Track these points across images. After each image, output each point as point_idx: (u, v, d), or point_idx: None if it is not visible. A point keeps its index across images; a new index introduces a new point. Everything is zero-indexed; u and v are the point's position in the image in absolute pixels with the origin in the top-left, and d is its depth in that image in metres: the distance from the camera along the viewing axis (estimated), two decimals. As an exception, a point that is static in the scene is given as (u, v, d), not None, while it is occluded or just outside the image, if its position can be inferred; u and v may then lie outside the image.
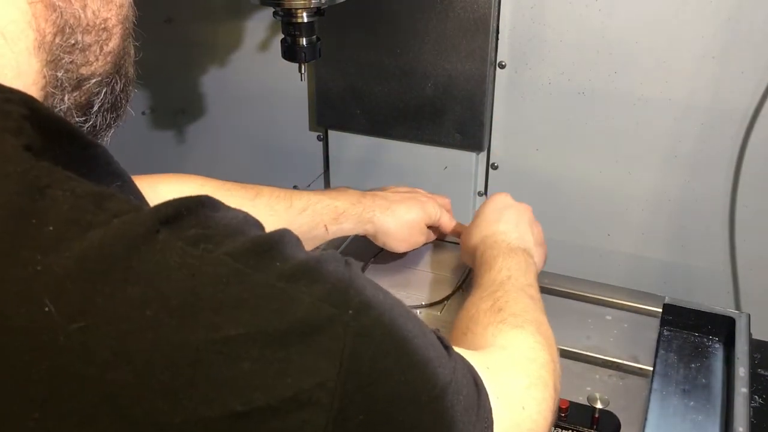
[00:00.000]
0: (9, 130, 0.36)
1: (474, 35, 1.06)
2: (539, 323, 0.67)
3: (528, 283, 0.75)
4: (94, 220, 0.35)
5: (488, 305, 0.68)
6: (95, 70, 0.46)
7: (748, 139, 1.01)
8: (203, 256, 0.36)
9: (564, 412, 0.73)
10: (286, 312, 0.37)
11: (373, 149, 1.22)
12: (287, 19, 0.93)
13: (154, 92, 1.38)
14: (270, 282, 0.37)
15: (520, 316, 0.67)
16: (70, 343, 0.32)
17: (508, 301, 0.69)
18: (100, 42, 0.46)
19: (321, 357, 0.37)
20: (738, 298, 1.11)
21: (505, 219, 0.87)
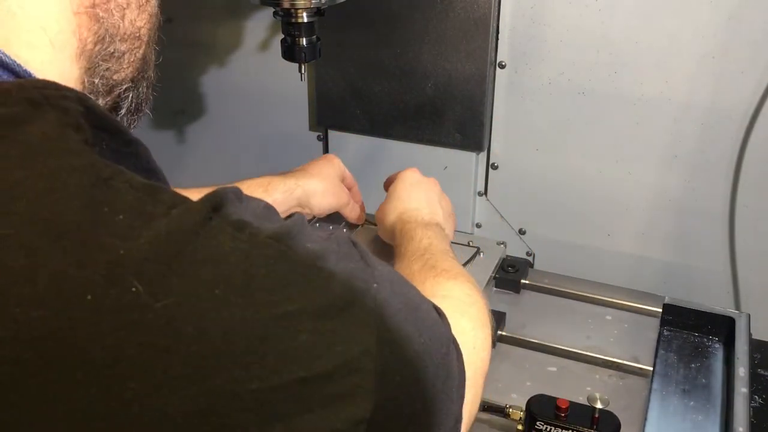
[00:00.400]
0: (70, 125, 0.39)
1: (474, 35, 1.06)
2: (466, 275, 0.74)
3: (447, 248, 0.82)
4: (155, 211, 0.38)
5: (420, 265, 0.75)
6: (126, 76, 0.49)
7: (748, 139, 1.01)
8: (251, 240, 0.39)
9: (564, 412, 0.73)
10: (325, 288, 0.40)
11: (373, 149, 1.22)
12: (287, 19, 0.93)
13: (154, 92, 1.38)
14: (308, 261, 0.41)
15: (450, 270, 0.73)
16: (157, 319, 0.35)
17: (437, 260, 0.76)
18: (133, 50, 0.49)
19: (360, 327, 0.41)
20: (738, 298, 1.11)
21: (415, 196, 0.93)
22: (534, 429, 0.74)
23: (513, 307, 0.97)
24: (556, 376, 0.86)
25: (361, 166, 1.25)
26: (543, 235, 1.19)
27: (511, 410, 0.77)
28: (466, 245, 1.04)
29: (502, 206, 1.20)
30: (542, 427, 0.73)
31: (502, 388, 0.84)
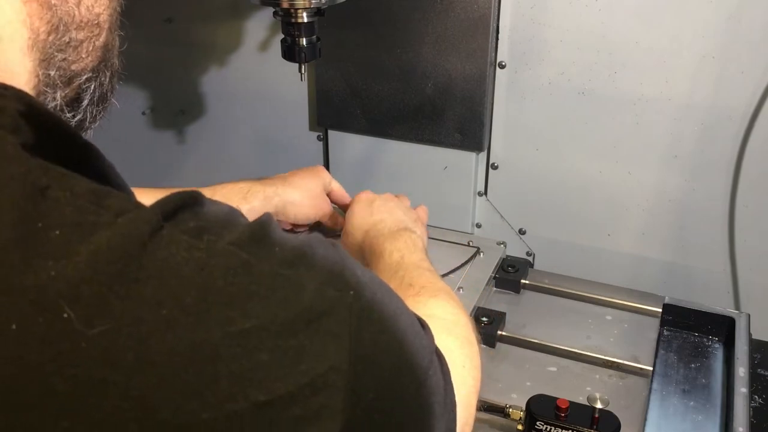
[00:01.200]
0: (6, 127, 0.35)
1: (474, 35, 1.06)
2: (447, 290, 0.71)
3: (420, 257, 0.78)
4: (98, 220, 0.35)
5: (396, 284, 0.71)
6: (86, 66, 0.46)
7: (748, 139, 1.01)
8: (209, 247, 0.36)
9: (564, 412, 0.73)
10: (292, 300, 0.37)
11: (373, 149, 1.22)
12: (287, 19, 0.93)
13: (154, 92, 1.38)
14: (274, 270, 0.38)
15: (430, 287, 0.70)
16: (92, 349, 0.32)
17: (412, 276, 0.72)
18: (92, 38, 0.45)
19: (330, 341, 0.38)
20: (738, 298, 1.11)
21: (376, 210, 0.90)
22: (534, 429, 0.74)
23: (513, 307, 0.97)
24: (556, 376, 0.86)
25: (361, 166, 1.25)
26: (543, 235, 1.19)
27: (511, 410, 0.77)
28: (466, 245, 1.04)
29: (502, 206, 1.20)
30: (542, 427, 0.73)
31: (502, 388, 0.84)
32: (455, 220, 1.19)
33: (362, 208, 0.91)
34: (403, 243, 0.80)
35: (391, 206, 0.91)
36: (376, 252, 0.81)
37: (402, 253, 0.78)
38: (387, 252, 0.79)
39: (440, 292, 0.69)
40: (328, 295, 0.39)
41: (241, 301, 0.36)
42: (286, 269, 0.38)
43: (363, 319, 0.40)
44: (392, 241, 0.81)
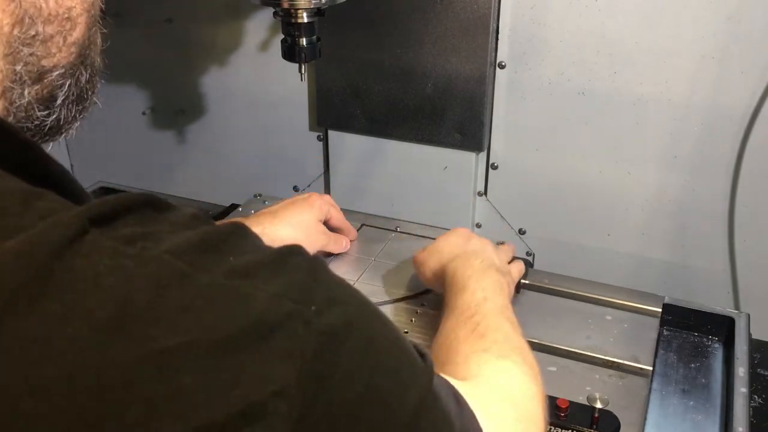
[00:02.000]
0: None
1: (474, 35, 1.06)
2: (524, 351, 0.63)
3: (505, 304, 0.70)
4: (20, 223, 0.31)
5: (467, 331, 0.63)
6: (58, 62, 0.43)
7: (748, 139, 1.01)
8: (140, 255, 0.32)
9: (564, 412, 0.73)
10: (236, 313, 0.33)
11: (373, 149, 1.22)
12: (287, 19, 0.93)
13: (154, 92, 1.38)
14: (217, 281, 0.33)
15: (503, 343, 0.62)
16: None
17: (488, 326, 0.64)
18: (63, 32, 0.42)
19: (277, 360, 0.33)
20: (737, 298, 1.11)
21: (473, 243, 0.84)
22: (534, 429, 0.73)
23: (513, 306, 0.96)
24: (556, 376, 0.86)
25: (361, 166, 1.25)
26: (543, 235, 1.19)
27: (511, 410, 0.77)
28: (466, 245, 1.04)
29: (502, 206, 1.20)
30: (543, 425, 0.73)
31: (502, 388, 0.84)
32: (455, 220, 1.19)
33: (457, 236, 0.86)
34: (490, 283, 0.72)
35: (488, 246, 0.84)
36: (458, 284, 0.73)
37: (486, 294, 0.70)
38: (471, 289, 0.71)
39: (513, 353, 0.61)
40: (283, 307, 0.34)
41: (167, 315, 0.31)
42: (235, 279, 0.34)
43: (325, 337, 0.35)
44: (479, 278, 0.73)
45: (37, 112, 0.43)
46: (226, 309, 0.33)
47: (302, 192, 1.33)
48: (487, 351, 0.61)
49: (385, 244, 1.05)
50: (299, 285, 0.36)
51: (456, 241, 0.84)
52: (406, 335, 0.80)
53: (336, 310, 0.36)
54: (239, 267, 0.35)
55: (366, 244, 1.05)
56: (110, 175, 1.35)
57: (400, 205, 1.23)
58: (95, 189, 1.32)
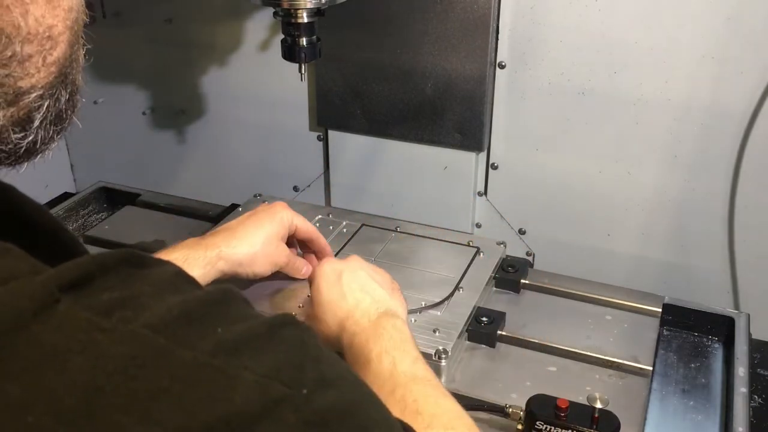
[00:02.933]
0: None
1: (474, 35, 1.06)
2: (461, 415, 0.59)
3: (413, 356, 0.66)
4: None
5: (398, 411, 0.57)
6: (36, 83, 0.40)
7: (748, 139, 1.01)
8: (116, 329, 0.29)
9: (564, 411, 0.73)
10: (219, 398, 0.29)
11: (373, 149, 1.22)
12: (287, 19, 0.93)
13: (154, 92, 1.38)
14: (200, 360, 0.30)
15: (442, 415, 0.58)
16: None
17: (416, 399, 0.59)
18: (43, 52, 0.39)
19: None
20: (737, 298, 1.11)
21: (347, 289, 0.76)
22: (534, 429, 0.74)
23: (513, 307, 0.97)
24: (556, 376, 0.86)
25: (361, 166, 1.25)
26: (543, 235, 1.19)
27: (511, 410, 0.77)
28: (466, 245, 1.04)
29: (502, 206, 1.20)
30: (542, 426, 0.73)
31: (502, 388, 0.84)
32: (455, 220, 1.19)
33: (330, 288, 0.77)
34: (388, 338, 0.68)
35: (362, 279, 0.77)
36: (361, 356, 0.68)
37: (392, 355, 0.65)
38: (375, 356, 0.66)
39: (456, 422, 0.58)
40: (273, 392, 0.31)
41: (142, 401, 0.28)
42: (220, 358, 0.30)
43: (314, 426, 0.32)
44: (376, 338, 0.68)
45: (11, 135, 0.40)
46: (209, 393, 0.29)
47: (302, 191, 1.33)
48: (429, 427, 0.57)
49: (385, 244, 1.05)
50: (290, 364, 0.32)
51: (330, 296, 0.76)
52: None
53: (329, 394, 0.33)
54: (227, 341, 0.31)
55: (366, 244, 1.05)
56: (110, 175, 1.35)
57: (400, 205, 1.23)
58: (95, 189, 1.32)
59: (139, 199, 1.27)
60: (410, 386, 0.61)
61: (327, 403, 0.33)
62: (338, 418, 0.33)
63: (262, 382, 0.31)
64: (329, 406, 0.33)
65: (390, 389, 0.61)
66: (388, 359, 0.65)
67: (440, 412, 0.59)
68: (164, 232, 1.15)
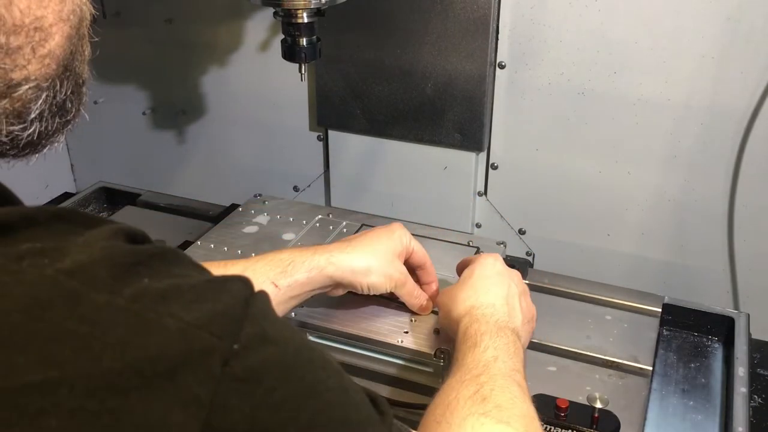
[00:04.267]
0: None
1: (474, 35, 1.06)
2: (528, 418, 0.58)
3: (516, 368, 0.66)
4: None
5: (470, 392, 0.59)
6: (29, 74, 0.40)
7: (748, 139, 1.01)
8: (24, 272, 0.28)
9: (564, 412, 0.73)
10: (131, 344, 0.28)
11: (373, 149, 1.22)
12: (287, 19, 0.93)
13: (154, 92, 1.38)
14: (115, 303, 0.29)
15: (506, 409, 0.57)
16: None
17: (493, 388, 0.60)
18: (32, 43, 0.39)
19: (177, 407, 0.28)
20: (737, 298, 1.11)
21: (494, 291, 0.75)
22: (534, 429, 0.74)
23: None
24: (556, 375, 0.86)
25: (361, 166, 1.25)
26: (543, 235, 1.20)
27: (511, 410, 0.77)
28: (466, 245, 1.04)
29: (502, 206, 1.20)
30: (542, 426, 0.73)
31: (502, 388, 0.84)
32: (455, 220, 1.19)
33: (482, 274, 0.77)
34: (503, 343, 0.67)
35: (512, 293, 0.76)
36: (470, 339, 0.68)
37: (498, 353, 0.65)
38: (482, 346, 0.66)
39: (515, 420, 0.56)
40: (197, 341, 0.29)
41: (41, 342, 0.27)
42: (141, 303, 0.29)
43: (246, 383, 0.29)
44: (492, 336, 0.68)
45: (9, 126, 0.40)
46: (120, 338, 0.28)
47: (302, 191, 1.33)
48: (486, 415, 0.56)
49: (385, 244, 1.05)
50: (227, 316, 0.30)
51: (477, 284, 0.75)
52: (406, 334, 0.81)
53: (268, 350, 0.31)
54: (153, 289, 0.29)
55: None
56: (110, 175, 1.36)
57: (400, 205, 1.23)
58: (95, 189, 1.32)
59: (139, 199, 1.27)
60: (497, 378, 0.61)
61: (263, 357, 0.31)
62: (277, 375, 0.31)
63: (186, 330, 0.29)
64: (266, 362, 0.31)
65: (477, 373, 0.61)
66: (492, 353, 0.65)
67: (506, 405, 0.57)
68: (164, 232, 1.15)
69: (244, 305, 0.31)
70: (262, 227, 1.06)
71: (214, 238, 1.02)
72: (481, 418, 0.55)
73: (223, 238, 1.02)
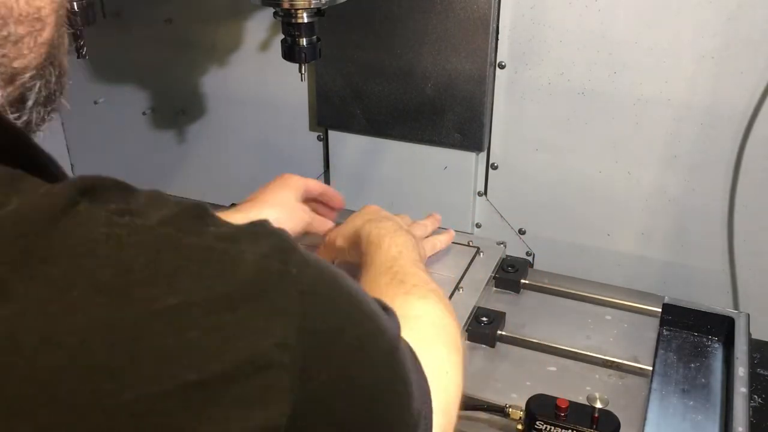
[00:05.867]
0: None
1: (474, 35, 1.06)
2: (438, 292, 0.69)
3: (417, 257, 0.77)
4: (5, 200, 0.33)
5: (388, 279, 0.70)
6: (29, 63, 0.42)
7: (747, 139, 1.01)
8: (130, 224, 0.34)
9: (564, 411, 0.73)
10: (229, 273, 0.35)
11: (373, 149, 1.22)
12: (287, 19, 0.93)
13: (154, 92, 1.38)
14: (207, 244, 0.35)
15: (422, 286, 0.68)
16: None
17: (406, 273, 0.71)
18: (33, 33, 0.41)
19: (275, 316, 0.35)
20: (737, 297, 1.11)
21: (385, 214, 0.89)
22: (534, 429, 0.74)
23: (513, 307, 0.97)
24: (556, 376, 0.86)
25: (361, 166, 1.25)
26: (543, 235, 1.20)
27: (511, 410, 0.77)
28: (466, 245, 1.04)
29: (502, 206, 1.20)
30: (542, 426, 0.73)
31: (502, 388, 0.84)
32: (455, 220, 1.19)
33: (367, 210, 0.90)
34: (402, 240, 0.79)
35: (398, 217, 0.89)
36: (374, 242, 0.80)
37: (400, 249, 0.77)
38: (386, 245, 0.78)
39: (431, 294, 0.67)
40: (273, 268, 0.36)
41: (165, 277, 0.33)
42: (222, 243, 0.36)
43: (311, 296, 0.37)
44: (392, 236, 0.80)
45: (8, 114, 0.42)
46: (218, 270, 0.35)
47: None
48: (408, 293, 0.66)
49: (385, 244, 1.05)
50: (282, 249, 0.38)
51: (370, 209, 0.90)
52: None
53: (311, 270, 0.38)
54: (223, 233, 0.36)
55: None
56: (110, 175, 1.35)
57: (400, 205, 1.23)
58: (95, 189, 1.32)
59: (139, 199, 1.27)
60: (406, 266, 0.73)
61: (313, 276, 0.38)
62: (327, 286, 0.40)
63: (262, 261, 0.36)
64: (316, 278, 0.39)
65: (388, 266, 0.73)
66: (396, 249, 0.77)
67: (420, 284, 0.69)
68: (164, 232, 1.15)
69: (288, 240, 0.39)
70: (262, 227, 1.06)
71: (214, 238, 1.02)
72: (406, 296, 0.66)
73: (223, 238, 1.02)
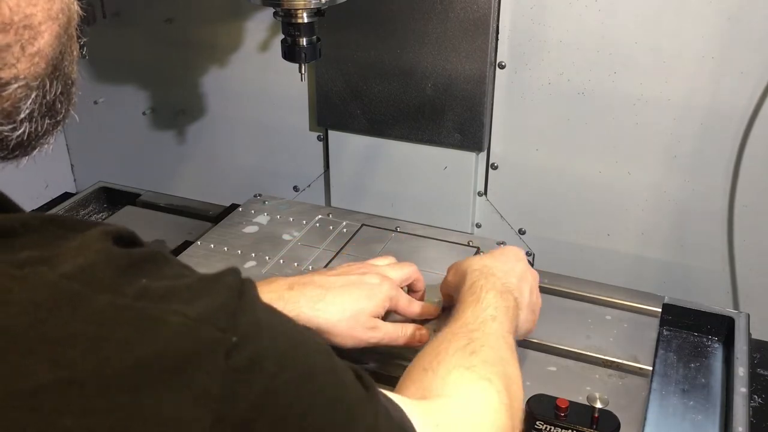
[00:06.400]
0: None
1: (474, 35, 1.06)
2: (510, 380, 0.58)
3: (508, 329, 0.66)
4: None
5: (461, 344, 0.60)
6: (18, 73, 0.39)
7: (747, 139, 1.01)
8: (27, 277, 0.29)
9: (564, 411, 0.73)
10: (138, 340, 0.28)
11: (373, 149, 1.22)
12: (287, 19, 0.93)
13: (154, 92, 1.38)
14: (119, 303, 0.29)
15: (492, 366, 0.58)
16: None
17: (484, 345, 0.60)
18: (21, 41, 0.39)
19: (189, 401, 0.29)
20: (737, 297, 1.11)
21: (513, 264, 0.75)
22: (534, 429, 0.74)
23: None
24: (556, 375, 0.86)
25: (361, 166, 1.25)
26: (543, 235, 1.19)
27: (511, 410, 0.77)
28: (466, 245, 1.04)
29: (502, 206, 1.20)
30: (542, 426, 0.73)
31: (502, 388, 0.84)
32: (455, 220, 1.19)
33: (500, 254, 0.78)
34: (505, 306, 0.68)
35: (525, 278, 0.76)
36: (474, 294, 0.68)
37: (497, 314, 0.66)
38: (485, 303, 0.67)
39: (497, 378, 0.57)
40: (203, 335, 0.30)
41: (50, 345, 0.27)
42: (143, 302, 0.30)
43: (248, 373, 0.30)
44: (497, 296, 0.68)
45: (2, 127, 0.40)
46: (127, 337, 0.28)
47: (302, 191, 1.33)
48: (471, 369, 0.57)
49: (385, 244, 1.05)
50: (226, 310, 0.31)
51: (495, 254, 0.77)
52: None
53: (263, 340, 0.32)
54: (153, 289, 0.30)
55: (366, 244, 1.05)
56: (110, 175, 1.35)
57: (400, 205, 1.23)
58: (95, 189, 1.32)
59: (139, 199, 1.26)
60: (490, 337, 0.62)
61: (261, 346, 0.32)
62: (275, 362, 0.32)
63: (191, 325, 0.30)
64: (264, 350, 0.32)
65: (472, 329, 0.63)
66: (492, 312, 0.66)
67: (492, 362, 0.58)
68: (164, 232, 1.15)
69: (238, 296, 0.32)
70: (262, 227, 1.06)
71: (214, 238, 1.02)
72: (466, 372, 0.56)
73: (223, 238, 1.02)
